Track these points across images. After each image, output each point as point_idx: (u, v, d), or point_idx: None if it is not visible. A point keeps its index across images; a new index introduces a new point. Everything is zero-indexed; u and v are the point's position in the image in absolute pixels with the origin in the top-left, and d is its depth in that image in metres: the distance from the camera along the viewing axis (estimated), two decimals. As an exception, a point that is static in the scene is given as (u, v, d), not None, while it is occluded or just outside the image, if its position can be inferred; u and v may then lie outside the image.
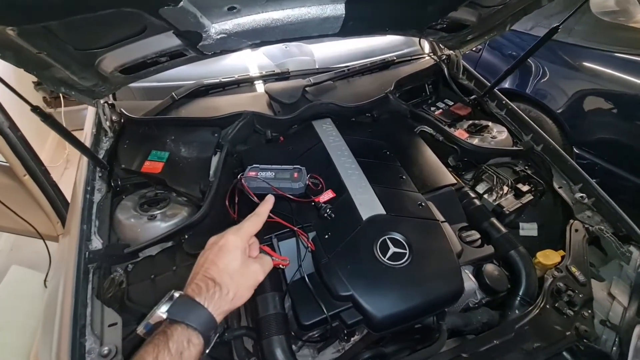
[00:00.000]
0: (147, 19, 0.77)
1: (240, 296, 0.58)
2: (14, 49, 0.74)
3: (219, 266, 0.57)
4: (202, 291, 0.55)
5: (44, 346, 0.84)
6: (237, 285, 0.57)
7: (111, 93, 1.25)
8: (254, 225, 0.65)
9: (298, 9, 0.93)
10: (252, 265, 0.61)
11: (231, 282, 0.57)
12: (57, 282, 0.90)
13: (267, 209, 0.70)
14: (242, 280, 0.59)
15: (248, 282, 0.60)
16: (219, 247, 0.60)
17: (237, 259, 0.59)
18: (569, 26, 2.14)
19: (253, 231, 0.65)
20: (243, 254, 0.60)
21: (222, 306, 0.55)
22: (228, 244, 0.60)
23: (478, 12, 1.27)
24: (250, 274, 0.60)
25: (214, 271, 0.57)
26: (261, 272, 0.62)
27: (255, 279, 0.61)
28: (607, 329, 0.89)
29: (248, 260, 0.61)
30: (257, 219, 0.66)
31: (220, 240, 0.61)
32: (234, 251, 0.59)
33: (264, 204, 0.71)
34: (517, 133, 1.40)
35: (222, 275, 0.57)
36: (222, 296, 0.55)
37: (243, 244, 0.61)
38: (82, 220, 0.96)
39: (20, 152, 1.44)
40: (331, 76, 1.56)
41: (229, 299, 0.56)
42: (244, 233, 0.62)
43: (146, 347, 0.49)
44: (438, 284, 0.85)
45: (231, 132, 1.27)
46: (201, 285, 0.55)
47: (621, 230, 1.06)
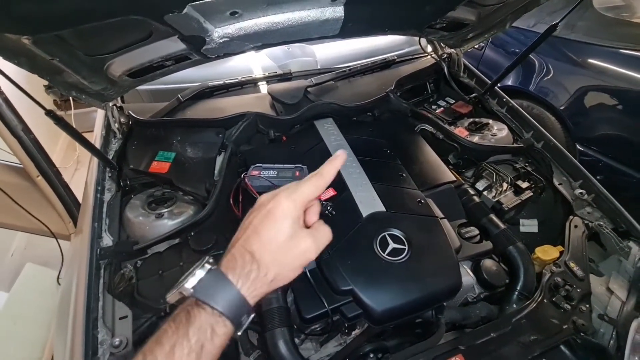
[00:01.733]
0: (152, 25, 0.81)
1: (282, 278, 0.48)
2: (28, 56, 0.78)
3: (261, 237, 0.47)
4: (236, 266, 0.46)
5: (58, 338, 0.88)
6: (279, 265, 0.47)
7: (119, 96, 1.29)
8: (314, 188, 0.50)
9: (298, 12, 0.96)
10: (303, 241, 0.48)
11: (272, 261, 0.46)
12: (71, 278, 0.94)
13: (334, 168, 0.51)
14: (287, 260, 0.48)
15: (294, 262, 0.48)
16: (267, 212, 0.47)
17: (285, 231, 0.47)
18: (572, 22, 2.13)
19: (311, 195, 0.50)
20: (294, 224, 0.47)
21: (257, 288, 0.46)
22: (276, 210, 0.47)
23: (477, 10, 1.28)
24: (298, 252, 0.48)
25: (254, 243, 0.47)
26: (313, 249, 0.49)
27: (305, 258, 0.49)
28: (605, 323, 0.90)
29: (299, 234, 0.48)
30: (320, 181, 0.50)
31: (270, 202, 0.48)
32: (283, 220, 0.47)
33: (332, 161, 0.52)
34: (518, 130, 1.41)
35: (263, 250, 0.46)
36: (259, 276, 0.46)
37: (296, 212, 0.48)
38: (94, 219, 1.00)
39: (33, 154, 1.50)
40: (333, 76, 1.58)
41: (267, 281, 0.46)
42: (299, 197, 0.48)
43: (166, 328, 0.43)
44: (436, 278, 0.86)
45: (235, 133, 1.30)
46: (237, 259, 0.46)
47: (621, 226, 1.06)
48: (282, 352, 0.77)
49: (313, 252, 0.49)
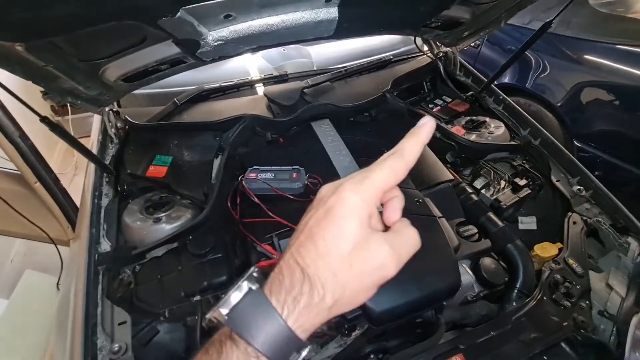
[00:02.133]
0: (146, 29, 0.81)
1: (347, 302, 0.34)
2: (22, 63, 0.78)
3: (317, 245, 0.33)
4: (283, 286, 0.33)
5: (57, 344, 0.88)
6: (342, 286, 0.33)
7: (115, 101, 1.29)
8: (391, 175, 0.36)
9: (292, 14, 0.96)
10: (377, 250, 0.34)
11: (332, 280, 0.33)
12: (69, 284, 0.94)
13: (419, 144, 0.38)
14: (353, 277, 0.34)
15: (364, 281, 0.34)
16: (325, 211, 0.34)
17: (350, 236, 0.33)
18: (567, 19, 2.13)
19: (387, 185, 0.36)
20: (363, 227, 0.34)
21: (310, 318, 0.33)
22: (338, 208, 0.34)
23: (472, 9, 1.28)
24: (370, 267, 0.34)
25: (308, 253, 0.33)
26: (392, 262, 0.34)
27: (379, 275, 0.35)
28: (605, 319, 0.90)
29: (371, 240, 0.34)
30: (398, 163, 0.36)
31: (330, 196, 0.35)
32: (346, 222, 0.33)
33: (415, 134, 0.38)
34: (515, 128, 1.41)
35: (318, 264, 0.33)
36: (311, 303, 0.33)
37: (365, 209, 0.34)
38: (91, 224, 0.99)
39: (30, 160, 1.50)
40: (329, 77, 1.58)
41: (324, 307, 0.33)
42: (369, 189, 0.35)
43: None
44: (435, 278, 0.86)
45: (232, 136, 1.29)
46: (284, 275, 0.34)
47: (619, 222, 1.06)
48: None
49: (392, 266, 0.35)
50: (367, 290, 0.35)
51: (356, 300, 0.35)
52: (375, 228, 0.36)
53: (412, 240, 0.38)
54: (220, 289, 0.90)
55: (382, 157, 0.37)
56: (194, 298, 0.88)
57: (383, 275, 0.35)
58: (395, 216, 0.39)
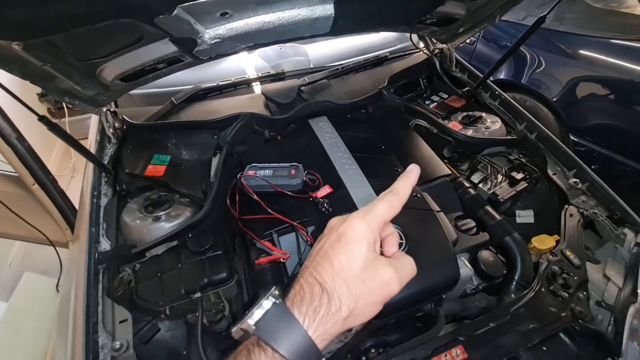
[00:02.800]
0: (143, 28, 0.81)
1: (359, 314, 0.40)
2: (19, 63, 0.78)
3: (333, 264, 0.40)
4: (304, 299, 0.38)
5: (59, 343, 0.88)
6: (355, 299, 0.39)
7: (113, 101, 1.29)
8: (390, 208, 0.44)
9: (288, 11, 0.96)
10: (383, 270, 0.41)
11: (346, 293, 0.38)
12: (70, 284, 0.94)
13: (409, 184, 0.46)
14: (364, 292, 0.39)
15: (373, 295, 0.40)
16: (338, 236, 0.41)
17: (360, 257, 0.40)
18: (561, 14, 2.15)
19: (387, 216, 0.44)
20: (370, 250, 0.41)
21: (328, 328, 0.38)
22: (349, 233, 0.41)
23: (467, 5, 1.29)
24: (378, 284, 0.40)
25: (325, 270, 0.39)
26: (396, 281, 0.41)
27: (386, 292, 0.41)
28: (602, 310, 0.91)
29: (377, 261, 0.41)
30: (395, 200, 0.44)
31: (341, 224, 0.42)
32: (357, 245, 0.40)
33: (406, 177, 0.47)
34: (511, 122, 1.42)
35: (335, 280, 0.39)
36: (329, 313, 0.38)
37: (372, 235, 0.41)
38: (91, 224, 1.00)
39: (28, 162, 1.49)
40: (326, 75, 1.59)
41: (339, 318, 0.38)
42: (374, 219, 0.42)
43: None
44: (434, 271, 0.87)
45: (230, 134, 1.30)
46: (305, 290, 0.39)
47: (615, 214, 1.07)
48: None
49: (395, 284, 0.41)
50: (376, 305, 0.41)
51: (367, 313, 0.41)
52: (379, 252, 0.43)
53: (411, 266, 0.45)
54: (221, 286, 0.90)
55: (380, 195, 0.45)
56: (194, 295, 0.88)
57: (388, 292, 0.41)
58: (393, 249, 0.46)
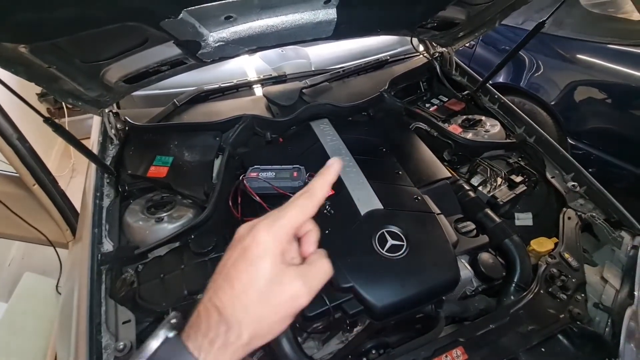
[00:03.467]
0: (148, 31, 0.82)
1: (264, 335, 0.37)
2: (25, 64, 0.78)
3: (233, 286, 0.36)
4: (199, 330, 0.35)
5: (61, 344, 0.88)
6: (257, 321, 0.36)
7: (115, 102, 1.30)
8: (302, 212, 0.39)
9: (292, 15, 0.97)
10: (290, 284, 0.37)
11: (247, 317, 0.35)
12: (72, 284, 0.94)
13: (327, 183, 0.42)
14: (268, 312, 0.36)
15: (278, 313, 0.37)
16: (241, 251, 0.37)
17: (264, 274, 0.36)
18: (560, 19, 2.17)
19: (298, 221, 0.39)
20: (276, 264, 0.37)
21: (227, 357, 0.35)
22: (252, 248, 0.37)
23: (467, 10, 1.31)
24: (283, 300, 0.37)
25: (225, 294, 0.36)
26: (304, 293, 0.37)
27: (293, 306, 0.37)
28: (600, 311, 0.92)
29: (284, 275, 0.37)
30: (308, 201, 0.40)
31: (247, 235, 0.38)
32: (260, 261, 0.36)
33: (324, 174, 0.42)
34: (510, 126, 1.43)
35: (234, 304, 0.35)
36: (227, 342, 0.34)
37: (279, 247, 0.38)
38: (94, 225, 1.00)
39: (29, 162, 1.49)
40: (327, 77, 1.60)
41: (240, 344, 0.35)
42: (281, 228, 0.38)
43: None
44: (435, 273, 0.88)
45: (232, 136, 1.31)
46: (202, 319, 0.36)
47: (612, 217, 1.09)
48: (286, 351, 0.78)
49: (304, 296, 0.37)
50: (283, 321, 0.38)
51: (273, 331, 0.37)
52: (291, 262, 0.39)
53: (324, 270, 0.40)
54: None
55: (294, 197, 0.41)
56: (197, 296, 0.89)
57: (296, 305, 0.37)
58: (310, 249, 0.42)
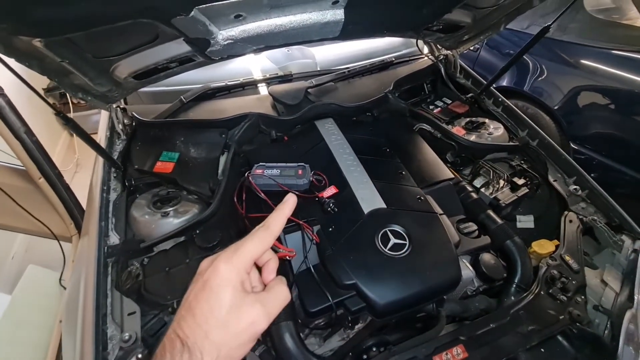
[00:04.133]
0: (159, 28, 0.83)
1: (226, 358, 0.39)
2: (39, 58, 0.80)
3: (195, 316, 0.39)
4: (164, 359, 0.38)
5: (67, 335, 0.89)
6: (217, 348, 0.38)
7: (123, 97, 1.31)
8: (259, 244, 0.44)
9: (300, 15, 0.98)
10: (248, 311, 0.40)
11: (208, 345, 0.38)
12: (78, 276, 0.96)
13: (283, 216, 0.47)
14: (228, 338, 0.39)
15: (237, 339, 0.40)
16: (203, 284, 0.40)
17: (224, 303, 0.39)
18: (564, 24, 2.18)
19: (256, 253, 0.44)
20: (235, 293, 0.40)
21: None
22: (213, 279, 0.40)
23: (473, 13, 1.32)
24: (242, 327, 0.40)
25: (187, 325, 0.39)
26: (262, 318, 0.41)
27: (252, 331, 0.41)
28: (599, 314, 0.93)
29: (243, 303, 0.40)
30: (265, 235, 0.45)
31: (207, 270, 0.42)
32: (220, 291, 0.40)
33: (280, 210, 0.47)
34: (513, 129, 1.44)
35: (197, 332, 0.38)
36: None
37: (238, 277, 0.41)
38: (100, 218, 1.01)
39: (35, 156, 1.51)
40: (332, 77, 1.61)
41: None
42: (240, 259, 0.42)
43: None
44: (437, 272, 0.89)
45: (238, 133, 1.32)
46: (167, 348, 0.38)
47: (614, 221, 1.10)
48: (288, 346, 0.79)
49: (263, 321, 0.41)
50: (243, 346, 0.41)
51: (234, 356, 0.40)
52: (248, 291, 0.42)
53: (282, 296, 0.45)
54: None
55: (253, 230, 0.45)
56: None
57: (255, 331, 0.41)
58: (270, 276, 0.47)
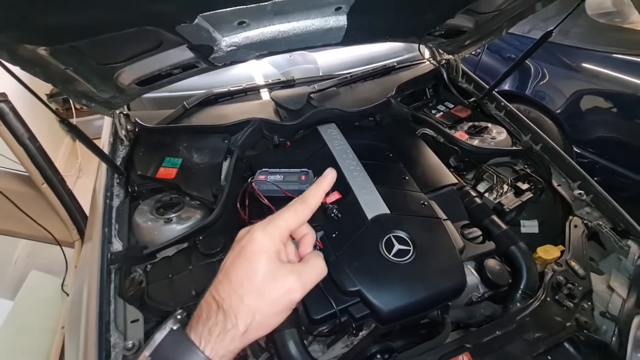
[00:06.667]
0: (163, 35, 0.84)
1: (260, 327, 0.39)
2: (43, 66, 0.80)
3: (231, 281, 0.39)
4: (200, 320, 0.39)
5: (70, 342, 0.89)
6: (252, 312, 0.38)
7: (126, 104, 1.32)
8: (296, 217, 0.43)
9: (303, 21, 0.99)
10: (284, 279, 0.40)
11: (243, 308, 0.38)
12: (82, 283, 0.95)
13: (321, 191, 0.45)
14: (263, 304, 0.39)
15: (274, 306, 0.40)
16: (239, 250, 0.41)
17: (260, 269, 0.39)
18: (566, 28, 2.18)
19: (292, 225, 0.43)
20: (271, 261, 0.40)
21: (225, 345, 0.37)
22: (249, 246, 0.40)
23: (475, 18, 1.32)
24: (278, 294, 0.40)
25: (223, 288, 0.39)
26: (298, 288, 0.41)
27: (287, 300, 0.40)
28: (606, 320, 0.92)
29: (278, 271, 0.40)
30: (302, 208, 0.44)
31: (243, 237, 0.42)
32: (256, 258, 0.40)
33: (319, 183, 0.46)
34: (516, 133, 1.44)
35: (232, 296, 0.38)
36: (225, 330, 0.37)
37: (273, 245, 0.41)
38: (104, 224, 1.01)
39: (38, 162, 1.51)
40: (335, 83, 1.61)
41: (237, 334, 0.38)
42: (276, 229, 0.42)
43: None
44: (441, 278, 0.88)
45: (240, 138, 1.32)
46: (203, 310, 0.39)
47: (619, 225, 1.09)
48: (292, 353, 0.79)
49: (298, 291, 0.41)
50: (279, 314, 0.41)
51: (269, 323, 0.40)
52: (283, 261, 0.42)
53: (318, 269, 0.44)
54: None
55: (290, 202, 0.45)
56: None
57: (290, 300, 0.41)
58: (307, 250, 0.47)
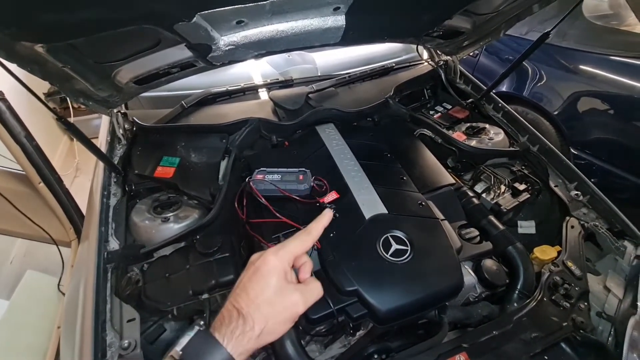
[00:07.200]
0: (161, 33, 0.83)
1: (271, 331, 0.50)
2: (40, 63, 0.80)
3: (249, 294, 0.51)
4: (223, 324, 0.49)
5: (66, 341, 0.88)
6: (265, 319, 0.49)
7: (124, 102, 1.32)
8: (302, 245, 0.56)
9: (301, 21, 0.99)
10: (290, 295, 0.52)
11: (258, 315, 0.49)
12: (78, 282, 0.95)
13: (321, 226, 0.59)
14: (274, 313, 0.50)
15: (282, 315, 0.51)
16: (254, 270, 0.53)
17: (272, 285, 0.51)
18: (563, 30, 2.20)
19: (298, 251, 0.56)
20: (280, 279, 0.52)
21: (244, 344, 0.48)
22: (263, 267, 0.52)
23: (472, 19, 1.33)
24: (285, 306, 0.51)
25: (242, 299, 0.50)
26: (301, 303, 0.52)
27: (293, 311, 0.52)
28: (603, 320, 0.92)
29: (286, 288, 0.52)
30: (307, 238, 0.57)
31: (257, 260, 0.54)
32: (269, 276, 0.52)
33: (320, 220, 0.60)
34: (514, 134, 1.45)
35: (250, 305, 0.50)
36: (244, 332, 0.48)
37: (282, 267, 0.53)
38: (100, 223, 1.01)
39: (35, 161, 1.51)
40: (333, 83, 1.62)
41: (253, 335, 0.48)
42: (285, 254, 0.54)
43: None
44: (439, 278, 0.88)
45: (238, 138, 1.32)
46: (225, 316, 0.50)
47: (616, 226, 1.10)
48: (289, 353, 0.79)
49: (301, 305, 0.53)
50: (285, 322, 0.52)
51: (277, 330, 0.52)
52: (290, 281, 0.54)
53: (317, 290, 0.56)
54: (228, 288, 0.91)
55: (297, 234, 0.58)
56: (202, 296, 0.89)
57: (295, 311, 0.52)
58: (306, 275, 0.58)
